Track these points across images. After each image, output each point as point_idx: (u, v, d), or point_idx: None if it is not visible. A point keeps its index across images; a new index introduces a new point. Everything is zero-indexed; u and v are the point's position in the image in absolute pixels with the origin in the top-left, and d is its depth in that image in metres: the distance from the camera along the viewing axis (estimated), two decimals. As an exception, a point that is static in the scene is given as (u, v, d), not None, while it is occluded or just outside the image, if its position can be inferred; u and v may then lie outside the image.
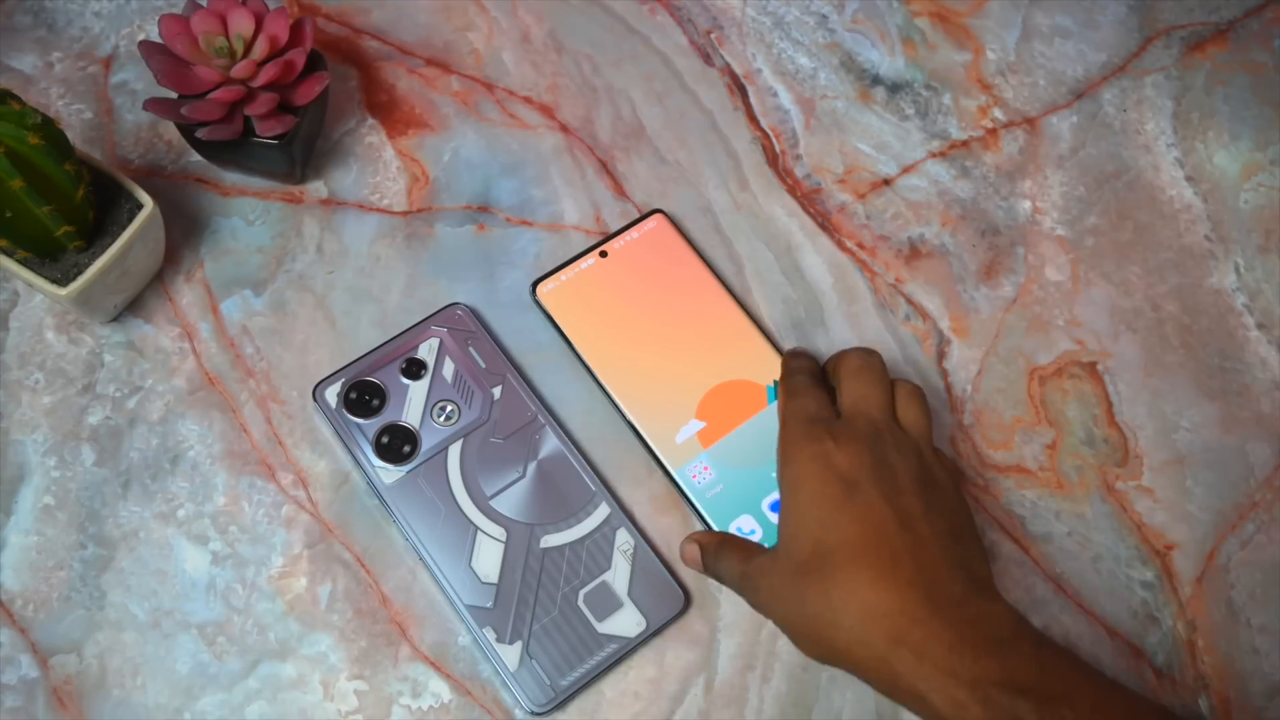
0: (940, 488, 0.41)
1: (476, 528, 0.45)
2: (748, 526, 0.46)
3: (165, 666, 0.44)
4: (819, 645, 0.38)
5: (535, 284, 0.50)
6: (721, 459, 0.47)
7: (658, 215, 0.52)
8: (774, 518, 0.46)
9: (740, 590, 0.42)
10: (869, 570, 0.37)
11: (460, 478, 0.46)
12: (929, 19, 0.60)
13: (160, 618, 0.44)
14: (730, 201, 0.54)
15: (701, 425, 0.48)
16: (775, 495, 0.46)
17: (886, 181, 0.55)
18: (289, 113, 0.48)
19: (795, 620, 0.39)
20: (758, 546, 0.43)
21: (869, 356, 0.44)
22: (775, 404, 0.48)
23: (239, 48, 0.47)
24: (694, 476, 0.47)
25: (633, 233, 0.52)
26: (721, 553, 0.43)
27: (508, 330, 0.50)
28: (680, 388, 0.48)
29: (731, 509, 0.46)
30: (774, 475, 0.43)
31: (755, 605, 0.41)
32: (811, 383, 0.45)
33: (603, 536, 0.46)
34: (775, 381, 0.49)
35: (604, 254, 0.51)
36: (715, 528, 0.46)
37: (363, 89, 0.55)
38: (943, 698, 0.35)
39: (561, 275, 0.51)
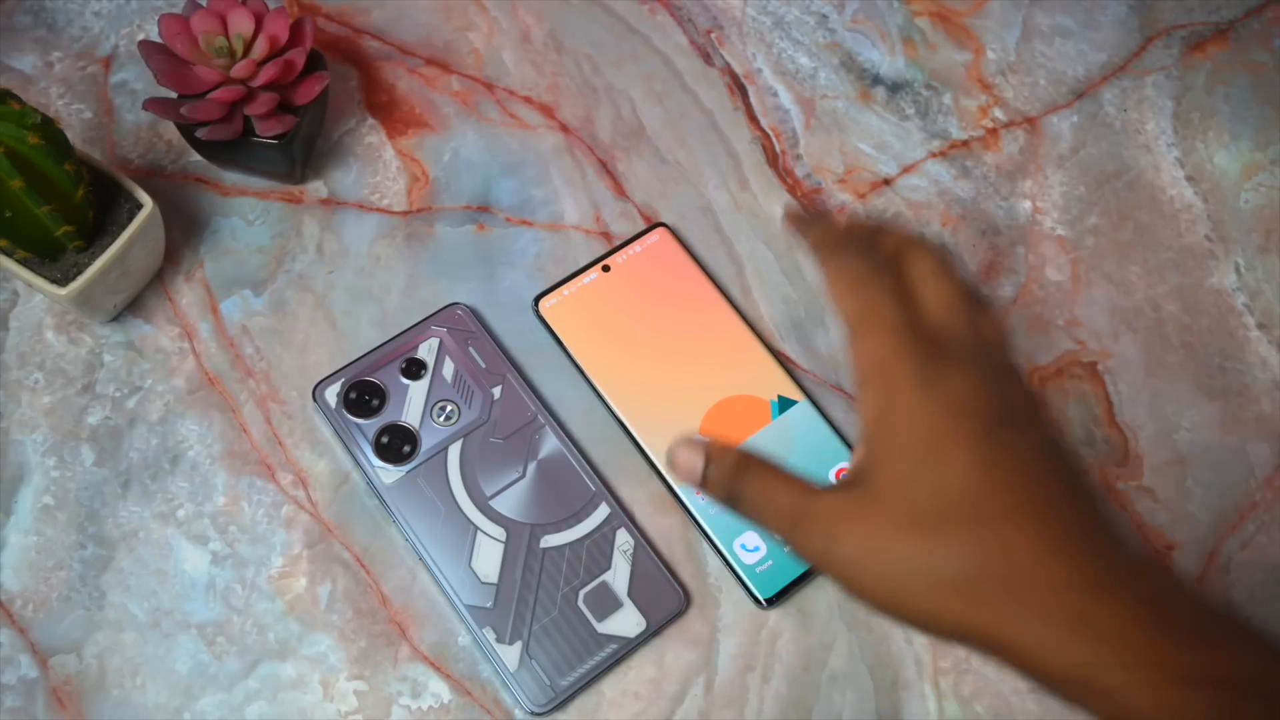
0: (1052, 421, 0.33)
1: (476, 528, 0.45)
2: (752, 543, 0.46)
3: (165, 666, 0.43)
4: (938, 617, 0.30)
5: (537, 299, 0.50)
6: None
7: (660, 229, 0.52)
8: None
9: (791, 532, 0.32)
10: (1029, 528, 0.29)
11: (460, 478, 0.46)
12: (929, 19, 0.59)
13: (160, 618, 0.44)
14: (730, 201, 0.54)
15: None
16: None
17: (887, 181, 0.55)
18: (289, 112, 0.48)
19: (902, 583, 0.30)
20: (805, 482, 0.33)
21: (944, 253, 0.36)
22: (779, 418, 0.48)
23: (239, 47, 0.47)
24: (697, 492, 0.46)
25: (635, 246, 0.52)
26: (750, 474, 0.34)
27: (508, 330, 0.50)
28: (684, 403, 0.48)
29: (736, 525, 0.46)
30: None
31: (815, 557, 0.32)
32: (876, 268, 0.35)
33: (602, 536, 0.46)
34: (779, 397, 0.49)
35: (606, 268, 0.51)
36: (720, 544, 0.46)
37: (363, 89, 0.55)
38: (1145, 695, 0.27)
39: (564, 290, 0.50)
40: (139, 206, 0.45)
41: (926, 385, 0.31)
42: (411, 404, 0.47)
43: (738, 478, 0.34)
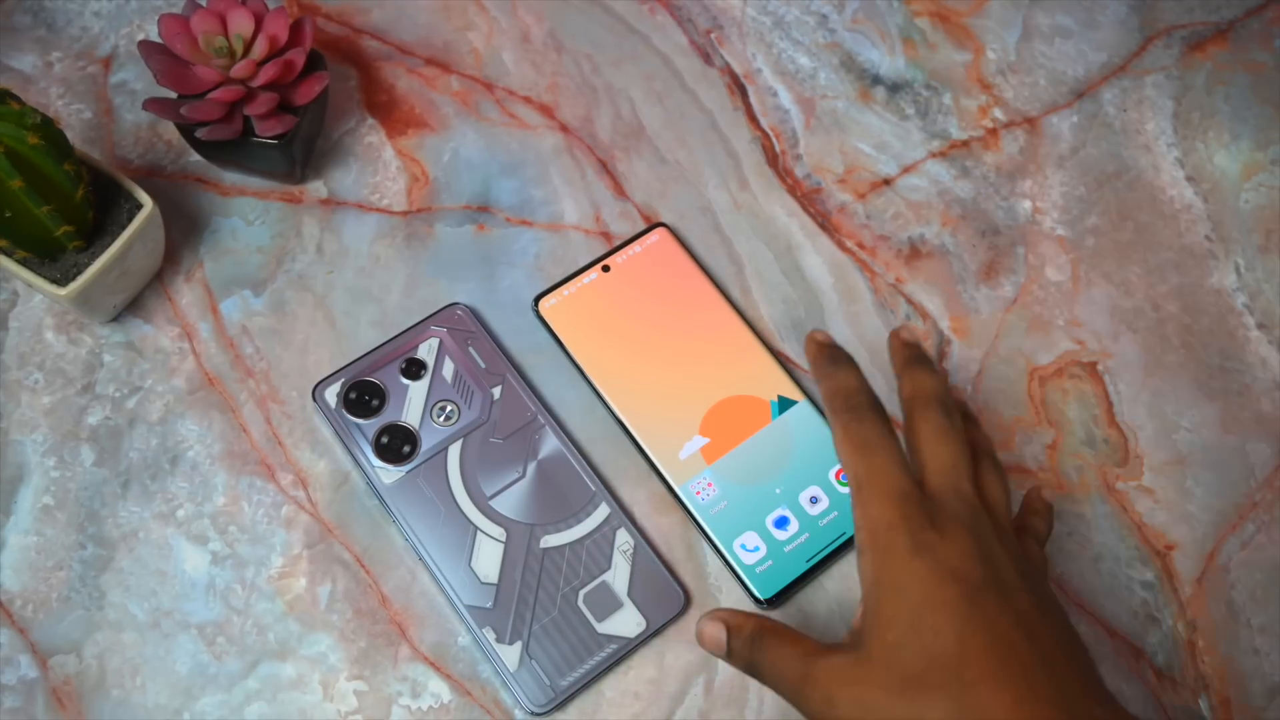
0: (1039, 576, 0.36)
1: (476, 528, 0.45)
2: (752, 543, 0.46)
3: (165, 667, 0.43)
4: None
5: (537, 299, 0.50)
6: (725, 475, 0.47)
7: (660, 229, 0.52)
8: (778, 534, 0.46)
9: (796, 696, 0.35)
10: (1010, 690, 0.31)
11: (460, 478, 0.46)
12: (929, 19, 0.59)
13: (160, 618, 0.44)
14: (730, 201, 0.54)
15: (705, 441, 0.48)
16: (779, 511, 0.46)
17: (887, 181, 0.55)
18: (288, 112, 0.48)
19: None
20: (816, 642, 0.35)
21: (952, 415, 0.38)
22: (779, 418, 0.48)
23: (238, 47, 0.47)
24: (698, 493, 0.46)
25: (635, 247, 0.52)
26: (765, 643, 0.36)
27: (507, 330, 0.50)
28: (683, 403, 0.48)
29: (736, 526, 0.46)
30: (778, 490, 0.41)
31: (818, 718, 0.34)
32: (885, 433, 0.37)
33: (602, 536, 0.46)
34: (779, 397, 0.49)
35: (606, 268, 0.51)
36: (720, 544, 0.46)
37: (362, 89, 0.55)
38: None
39: (564, 290, 0.50)
40: (139, 206, 0.45)
41: (919, 553, 0.34)
42: (411, 404, 0.47)
43: (754, 648, 0.36)
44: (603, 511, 0.46)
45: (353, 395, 0.47)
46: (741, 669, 0.37)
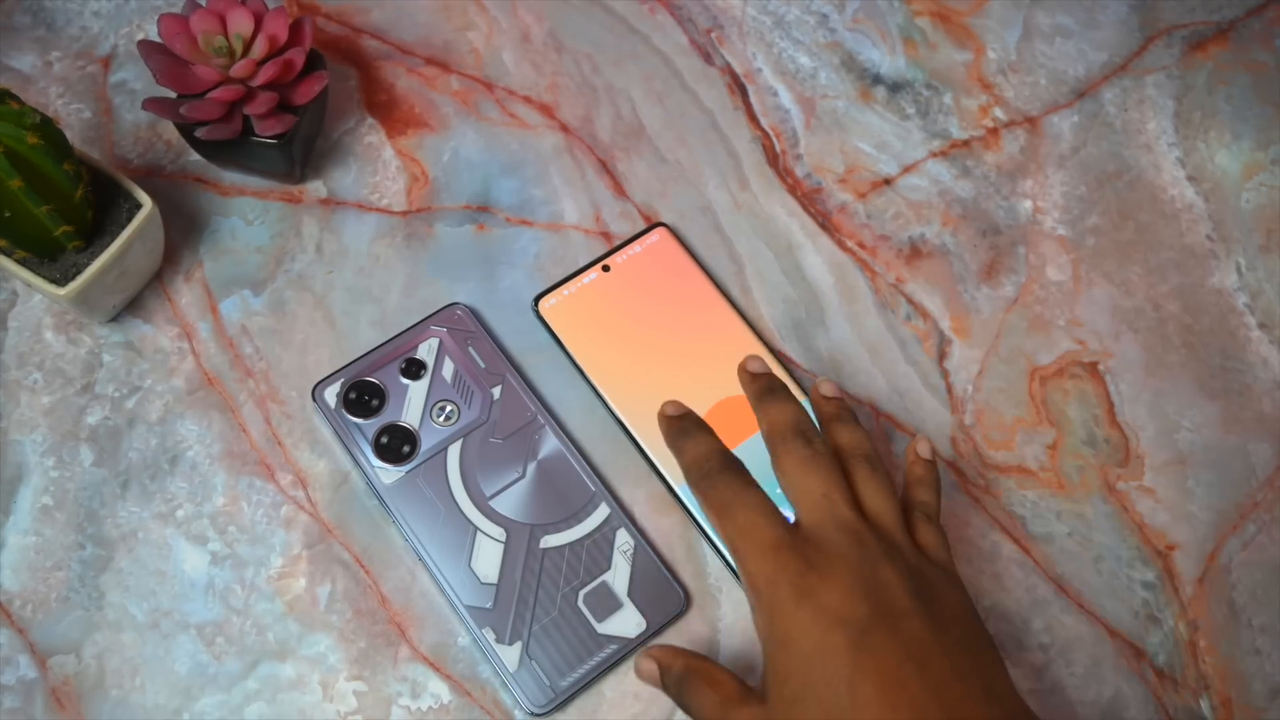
0: (933, 584, 0.36)
1: (476, 528, 0.45)
2: None
3: (164, 667, 0.43)
4: None
5: (537, 299, 0.50)
6: None
7: (660, 229, 0.52)
8: None
9: None
10: None
11: (460, 478, 0.46)
12: (930, 18, 0.59)
13: (159, 618, 0.44)
14: (730, 201, 0.54)
15: None
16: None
17: (887, 181, 0.55)
18: (288, 112, 0.48)
19: None
20: (738, 686, 0.36)
21: (812, 440, 0.38)
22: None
23: (238, 47, 0.47)
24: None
25: (635, 246, 0.52)
26: (690, 684, 0.37)
27: (507, 330, 0.50)
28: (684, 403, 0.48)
29: None
30: (778, 491, 0.42)
31: None
32: (743, 487, 0.37)
33: (602, 537, 0.46)
34: None
35: (606, 268, 0.51)
36: (720, 544, 0.46)
37: (362, 88, 0.55)
38: None
39: (564, 290, 0.50)
40: (138, 206, 0.45)
41: (801, 603, 0.34)
42: (411, 404, 0.47)
43: (680, 689, 0.37)
44: (603, 512, 0.46)
45: (352, 395, 0.47)
46: (673, 700, 0.38)
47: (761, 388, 0.41)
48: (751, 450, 0.47)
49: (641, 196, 0.54)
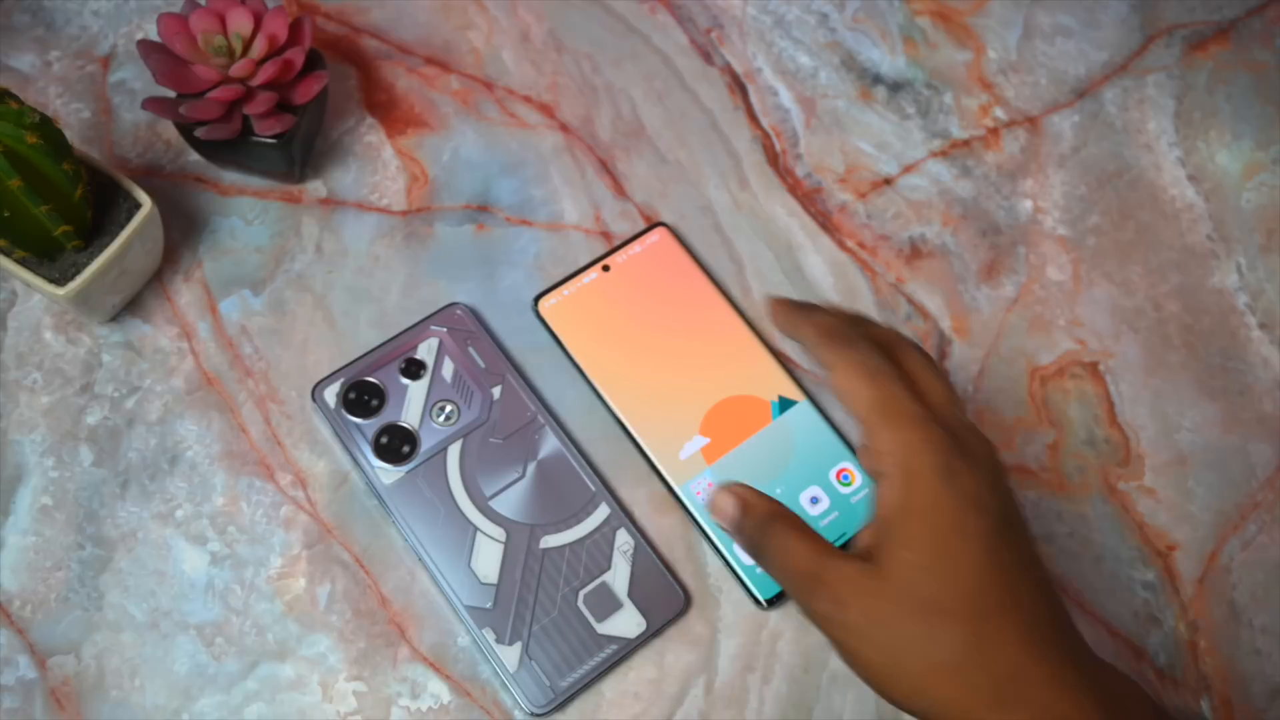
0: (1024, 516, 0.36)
1: (476, 528, 0.45)
2: None
3: (163, 667, 0.43)
4: (925, 694, 0.32)
5: (537, 299, 0.50)
6: (726, 475, 0.47)
7: (660, 228, 0.52)
8: None
9: (800, 589, 0.34)
10: (1020, 628, 0.32)
11: (460, 478, 0.46)
12: (930, 18, 0.59)
13: (158, 618, 0.44)
14: (730, 201, 0.54)
15: (706, 441, 0.47)
16: None
17: (887, 181, 0.55)
18: (288, 112, 0.48)
19: (898, 657, 0.33)
20: (831, 547, 0.35)
21: (924, 352, 0.38)
22: (779, 419, 0.48)
23: (238, 46, 0.47)
24: (698, 493, 0.46)
25: (635, 246, 0.52)
26: (776, 528, 0.35)
27: (507, 330, 0.50)
28: (684, 403, 0.48)
29: None
30: (778, 490, 0.41)
31: (820, 617, 0.34)
32: (886, 360, 0.36)
33: (602, 537, 0.45)
34: (780, 397, 0.49)
35: (606, 268, 0.51)
36: (720, 544, 0.46)
37: (362, 88, 0.55)
38: None
39: (563, 290, 0.50)
40: (137, 206, 0.45)
41: (949, 480, 0.33)
42: (411, 404, 0.47)
43: (764, 531, 0.35)
44: (603, 512, 0.46)
45: (352, 395, 0.47)
46: (745, 549, 0.36)
47: (837, 321, 0.39)
48: (752, 450, 0.47)
49: (641, 196, 0.54)
